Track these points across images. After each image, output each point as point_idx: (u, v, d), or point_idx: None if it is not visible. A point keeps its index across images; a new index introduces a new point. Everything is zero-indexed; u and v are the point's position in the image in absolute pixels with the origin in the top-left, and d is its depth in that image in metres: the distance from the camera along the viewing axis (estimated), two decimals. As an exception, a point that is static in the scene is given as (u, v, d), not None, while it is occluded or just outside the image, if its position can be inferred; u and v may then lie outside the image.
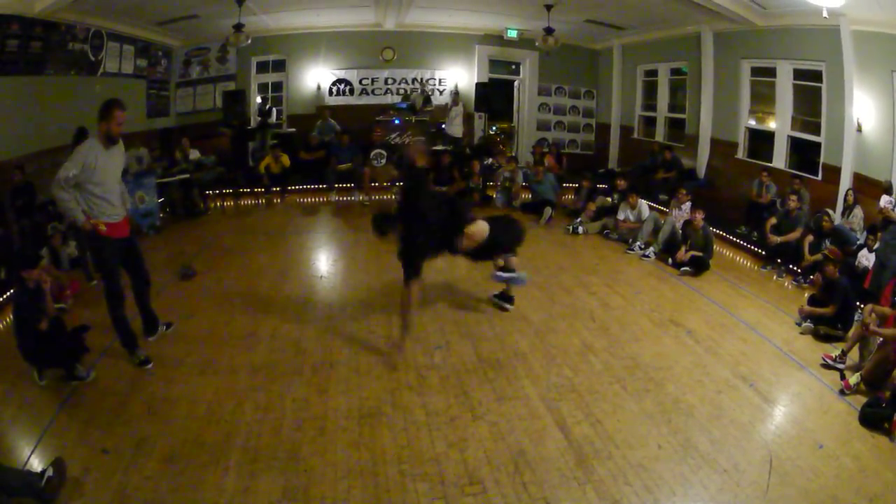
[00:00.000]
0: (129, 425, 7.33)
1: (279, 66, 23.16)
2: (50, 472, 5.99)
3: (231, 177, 19.09)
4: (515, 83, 24.55)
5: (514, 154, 21.88)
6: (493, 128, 23.32)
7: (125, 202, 8.55)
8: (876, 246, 11.14)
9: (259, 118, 21.60)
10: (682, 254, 12.77)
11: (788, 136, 15.64)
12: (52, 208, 12.53)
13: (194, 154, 18.20)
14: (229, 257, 13.71)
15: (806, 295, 10.92)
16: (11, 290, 9.54)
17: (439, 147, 20.66)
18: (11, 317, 8.63)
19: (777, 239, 12.93)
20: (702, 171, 18.34)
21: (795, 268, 12.58)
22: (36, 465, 6.55)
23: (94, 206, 7.94)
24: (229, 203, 18.48)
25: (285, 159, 18.82)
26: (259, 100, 22.80)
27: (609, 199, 16.33)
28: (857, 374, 8.21)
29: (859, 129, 13.11)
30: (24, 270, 8.06)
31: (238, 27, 18.37)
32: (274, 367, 8.80)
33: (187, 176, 17.20)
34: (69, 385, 8.05)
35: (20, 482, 5.93)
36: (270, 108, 22.01)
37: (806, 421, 7.60)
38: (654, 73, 21.35)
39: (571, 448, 6.98)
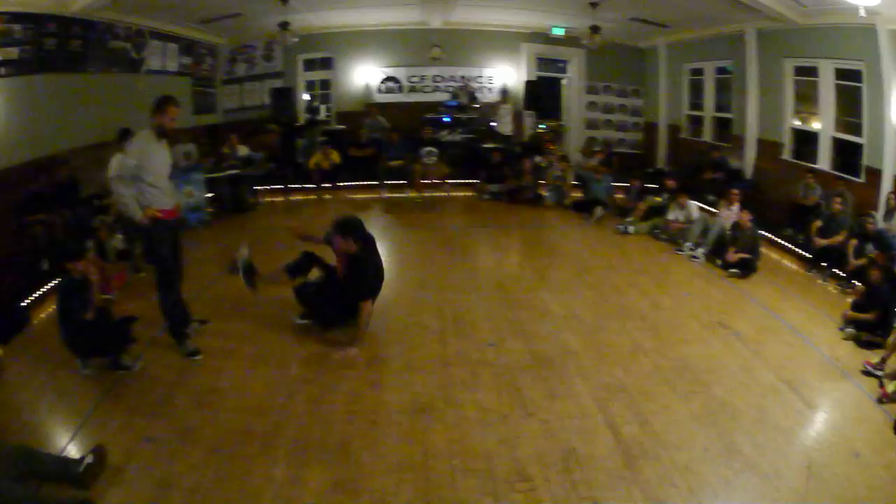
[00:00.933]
0: (176, 415, 7.51)
1: (326, 63, 23.32)
2: (89, 459, 6.06)
3: (280, 173, 19.29)
4: (563, 81, 24.42)
5: (564, 153, 21.67)
6: (542, 126, 23.05)
7: (175, 196, 8.87)
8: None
9: (308, 115, 21.86)
10: (731, 255, 12.81)
11: (832, 136, 15.54)
12: (97, 202, 12.85)
13: (243, 150, 18.33)
14: (279, 253, 13.21)
15: (849, 300, 10.88)
16: (56, 281, 9.68)
17: (489, 145, 20.83)
18: (56, 306, 8.73)
19: (822, 242, 12.91)
20: (748, 171, 18.27)
21: (840, 272, 12.48)
22: (74, 451, 6.68)
23: (149, 195, 8.18)
24: (279, 199, 18.76)
25: (335, 156, 18.97)
26: (307, 97, 23.03)
27: (659, 199, 16.32)
28: (895, 382, 8.16)
29: (899, 129, 12.99)
30: (69, 262, 8.23)
31: (284, 25, 18.65)
32: (325, 360, 8.91)
33: (237, 172, 17.40)
34: (114, 374, 8.27)
35: (56, 468, 6.06)
36: (318, 106, 22.30)
37: (844, 428, 7.65)
38: (699, 71, 21.26)
39: (620, 448, 7.04)
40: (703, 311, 10.95)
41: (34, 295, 10.55)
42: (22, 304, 10.20)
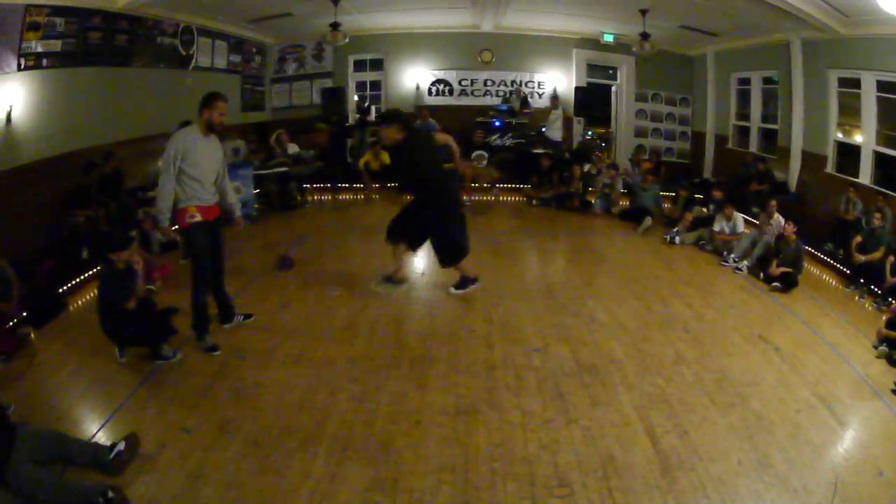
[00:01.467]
0: (214, 407, 7.67)
1: (377, 64, 23.94)
2: (121, 446, 6.21)
3: (330, 172, 19.70)
4: (613, 88, 24.68)
5: (613, 161, 21.87)
6: (590, 133, 23.41)
7: (225, 195, 9.14)
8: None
9: (358, 115, 22.17)
10: (774, 268, 12.96)
11: (873, 150, 15.65)
12: (141, 194, 13.43)
13: (293, 148, 18.71)
14: (327, 250, 14.32)
15: (884, 318, 10.73)
16: (97, 269, 10.02)
17: (539, 150, 21.03)
18: (97, 294, 9.02)
19: (861, 258, 13.06)
20: (793, 184, 18.39)
21: (877, 289, 12.48)
22: (105, 438, 6.85)
23: (188, 187, 8.39)
24: (327, 197, 19.16)
25: (385, 157, 18.76)
26: (357, 97, 23.49)
27: (705, 210, 16.63)
28: None
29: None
30: (114, 252, 8.37)
31: (335, 26, 19.04)
32: (371, 359, 9.05)
33: (285, 169, 17.75)
34: (151, 364, 8.50)
35: (85, 453, 6.18)
36: (369, 106, 22.50)
37: (872, 447, 7.61)
38: (747, 81, 21.41)
39: (658, 457, 7.13)
40: (744, 325, 11.03)
41: (72, 282, 11.02)
42: (59, 290, 10.68)
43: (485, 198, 19.67)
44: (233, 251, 12.13)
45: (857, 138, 16.28)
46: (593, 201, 18.95)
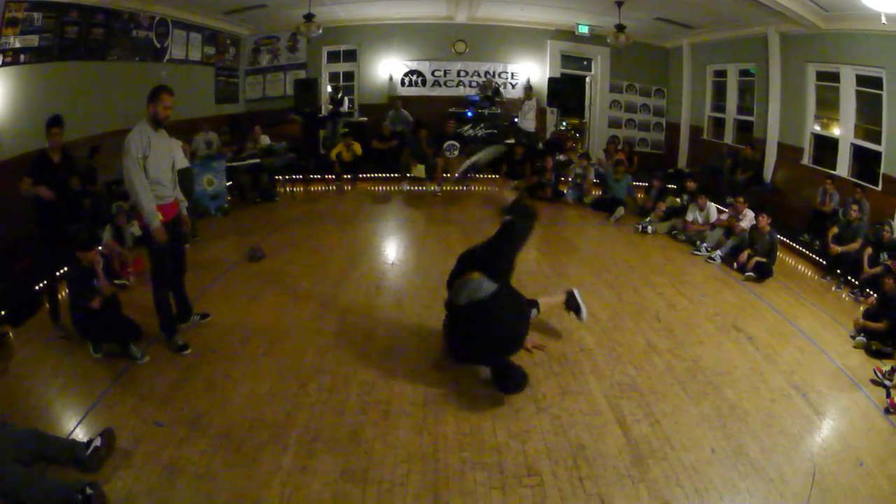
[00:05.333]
0: (187, 401, 7.60)
1: (350, 55, 23.64)
2: (97, 442, 6.19)
3: (302, 163, 19.51)
4: (587, 79, 24.66)
5: (585, 150, 21.98)
6: (563, 123, 23.39)
7: (177, 190, 8.91)
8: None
9: (331, 106, 22.04)
10: (745, 258, 12.95)
11: (851, 143, 15.60)
12: (115, 188, 13.03)
13: (265, 140, 18.56)
14: (298, 241, 14.14)
15: (861, 308, 10.88)
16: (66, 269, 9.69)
17: (511, 141, 20.96)
18: (67, 293, 8.95)
19: (837, 249, 12.95)
20: (768, 175, 18.34)
21: (854, 279, 12.50)
22: (82, 434, 6.79)
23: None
24: (299, 189, 18.92)
25: (357, 147, 19.22)
26: (330, 88, 23.21)
27: (679, 200, 16.50)
28: None
29: (918, 139, 12.90)
30: (79, 251, 8.39)
31: (309, 17, 18.89)
32: (340, 349, 9.02)
33: (257, 161, 17.59)
34: (125, 359, 8.37)
35: (64, 451, 6.15)
36: (342, 97, 22.42)
37: (850, 437, 7.62)
38: (723, 73, 21.33)
39: (629, 446, 7.13)
40: (717, 314, 11.00)
41: (47, 279, 10.48)
42: (36, 288, 10.39)
43: (456, 188, 19.59)
44: (205, 244, 12.54)
45: (835, 131, 16.24)
46: (565, 191, 18.92)
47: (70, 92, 14.28)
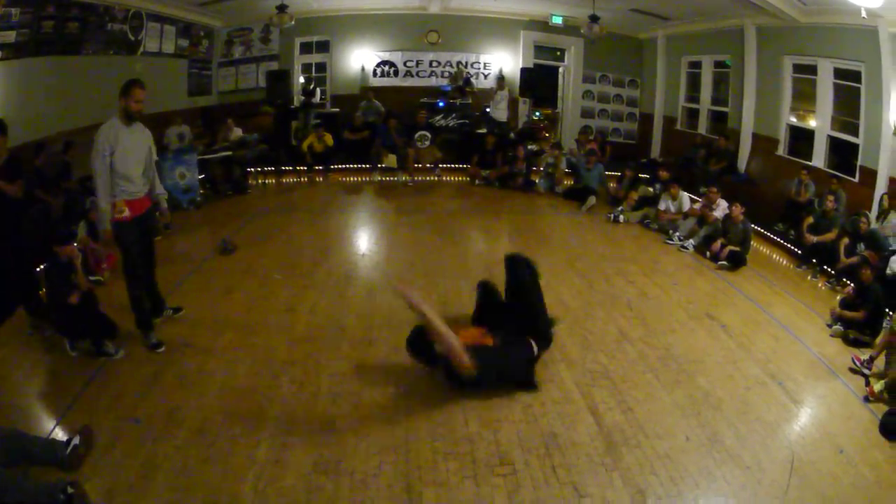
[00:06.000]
0: (162, 396, 7.51)
1: (323, 46, 23.39)
2: (76, 441, 6.12)
3: (274, 155, 19.31)
4: (560, 70, 24.53)
5: (557, 140, 21.88)
6: (537, 113, 23.31)
7: (154, 184, 8.80)
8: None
9: (303, 98, 21.72)
10: (718, 246, 12.87)
11: (828, 135, 15.51)
12: (90, 183, 12.84)
13: (236, 132, 18.42)
14: (270, 233, 13.94)
15: (838, 297, 10.92)
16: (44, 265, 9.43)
17: (483, 130, 20.82)
18: (45, 289, 8.83)
19: (813, 238, 12.86)
20: (743, 165, 18.28)
21: (830, 269, 12.49)
22: (62, 433, 6.67)
23: (115, 184, 8.10)
24: (271, 181, 18.71)
25: (328, 138, 19.03)
26: (302, 79, 23.03)
27: (651, 189, 16.42)
28: (882, 381, 8.16)
29: (896, 133, 12.97)
30: (57, 245, 8.26)
31: (282, 8, 18.74)
32: (312, 342, 8.94)
33: (229, 153, 17.37)
34: (100, 358, 8.21)
35: (44, 451, 6.04)
36: (314, 88, 22.13)
37: (829, 425, 7.62)
38: (697, 64, 21.21)
39: (602, 434, 7.09)
40: (690, 302, 10.94)
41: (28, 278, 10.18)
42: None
43: (427, 178, 19.58)
44: (177, 237, 12.93)
45: (812, 123, 16.15)
46: (537, 181, 18.94)
47: (46, 87, 14.10)
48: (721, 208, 13.91)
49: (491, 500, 6.10)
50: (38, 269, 9.66)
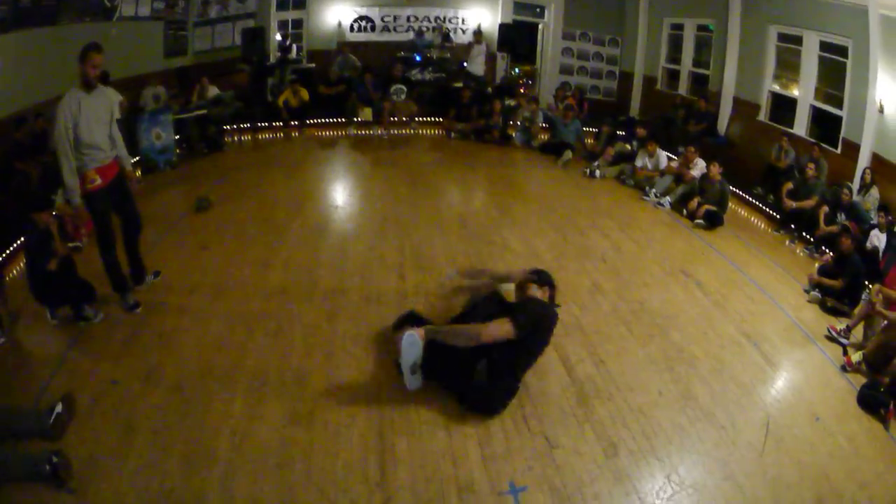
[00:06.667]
0: (140, 356, 7.46)
1: (299, 3, 22.97)
2: (59, 408, 6.05)
3: (249, 112, 19.02)
4: (539, 26, 24.23)
5: (534, 95, 21.60)
6: (516, 70, 23.26)
7: (119, 146, 8.54)
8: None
9: (279, 54, 21.57)
10: (695, 205, 12.71)
11: (811, 105, 15.33)
12: None
13: (212, 90, 18.13)
14: (246, 189, 13.78)
15: (816, 265, 10.84)
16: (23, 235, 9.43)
17: (459, 84, 20.63)
18: (24, 258, 8.73)
19: (792, 204, 12.72)
20: (723, 128, 18.17)
21: (809, 236, 12.40)
22: (46, 402, 6.50)
23: (83, 154, 7.92)
24: (247, 138, 18.44)
25: (304, 93, 18.80)
26: (279, 37, 22.70)
27: (628, 146, 16.26)
28: (860, 352, 8.16)
29: (881, 111, 12.82)
30: (35, 213, 8.16)
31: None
32: (285, 293, 8.95)
33: (204, 111, 17.05)
34: (80, 323, 8.10)
35: (30, 423, 6.03)
36: (291, 45, 21.99)
37: (805, 391, 7.60)
38: (679, 27, 20.95)
39: (574, 386, 7.10)
40: (665, 258, 10.89)
41: (4, 253, 10.35)
42: None
43: (403, 131, 19.27)
44: (153, 198, 12.56)
45: (795, 92, 15.97)
46: (513, 135, 18.79)
47: (24, 60, 13.90)
48: (698, 168, 13.86)
49: (463, 450, 6.14)
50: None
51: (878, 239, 10.86)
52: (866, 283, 9.93)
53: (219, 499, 5.56)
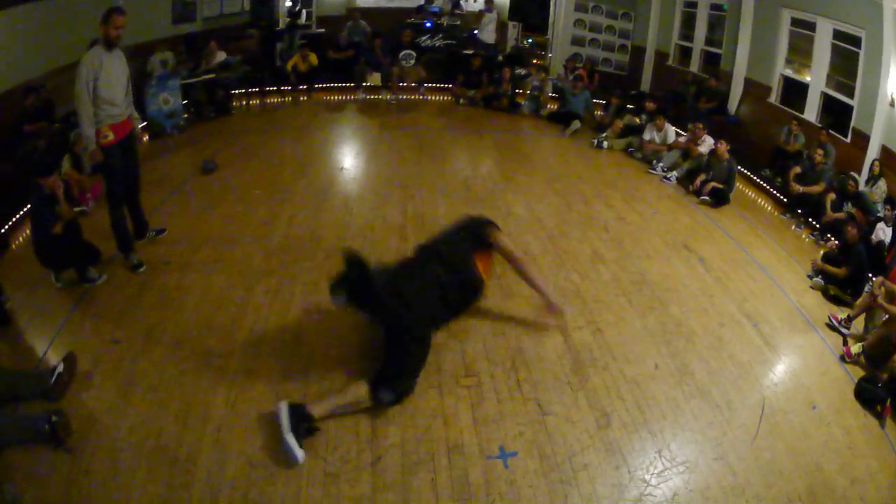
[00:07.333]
0: (142, 315, 7.58)
1: (310, -32, 22.93)
2: (60, 368, 6.14)
3: (257, 76, 18.98)
4: (552, -4, 24.20)
5: (545, 64, 21.64)
6: (529, 40, 23.21)
7: (131, 107, 8.84)
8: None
9: (288, 19, 21.56)
10: (700, 182, 12.64)
11: (822, 91, 15.15)
12: (73, 118, 12.59)
13: (220, 55, 17.88)
14: (252, 152, 13.86)
15: (821, 251, 10.77)
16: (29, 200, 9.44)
17: (470, 51, 20.47)
18: (30, 222, 8.81)
19: (800, 188, 12.61)
20: (733, 107, 17.98)
21: (815, 222, 12.22)
22: (48, 363, 6.67)
23: (100, 109, 8.20)
24: (255, 102, 18.41)
25: (313, 58, 18.72)
26: (289, 2, 22.66)
27: (637, 119, 16.19)
28: (860, 344, 8.06)
29: (892, 104, 12.60)
30: (41, 177, 8.19)
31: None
32: (287, 252, 9.13)
33: (212, 76, 17.04)
34: (84, 285, 8.18)
35: (32, 385, 6.11)
36: (300, 10, 22.01)
37: (803, 377, 7.51)
38: (693, 4, 20.63)
39: (570, 353, 7.16)
40: (668, 232, 10.86)
41: (11, 221, 10.41)
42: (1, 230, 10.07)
43: (411, 97, 19.22)
44: (160, 160, 12.72)
45: (807, 78, 15.75)
46: (522, 103, 18.67)
47: (25, 34, 13.74)
48: (706, 144, 13.74)
49: (454, 410, 6.26)
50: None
51: (883, 232, 10.72)
52: (870, 275, 9.74)
53: (212, 454, 5.63)
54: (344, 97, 18.89)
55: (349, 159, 13.68)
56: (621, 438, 6.02)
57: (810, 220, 12.33)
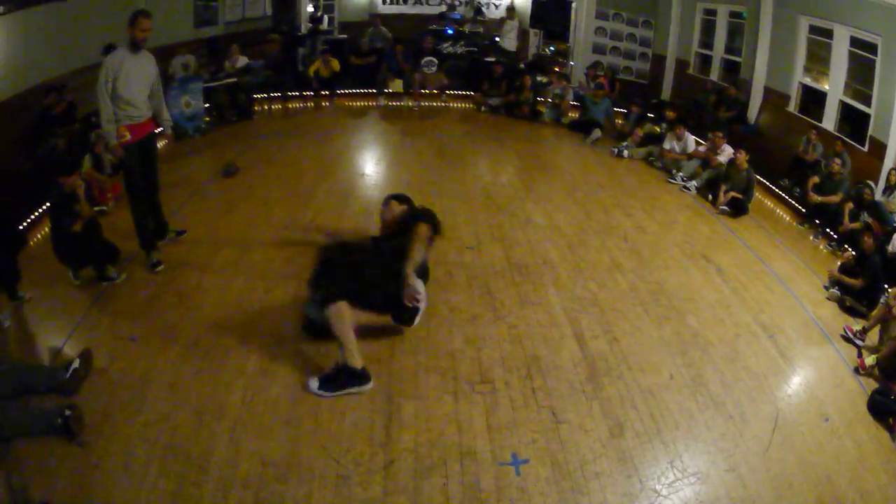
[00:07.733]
0: (160, 314, 7.68)
1: (332, -26, 22.96)
2: (76, 364, 6.14)
3: (279, 81, 19.04)
4: (573, 4, 23.93)
5: (566, 72, 21.64)
6: (551, 47, 23.17)
7: (160, 111, 9.11)
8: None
9: (310, 25, 21.69)
10: (720, 191, 12.62)
11: (840, 100, 15.09)
12: (94, 119, 12.75)
13: (242, 59, 18.05)
14: (274, 156, 13.95)
15: (838, 262, 10.62)
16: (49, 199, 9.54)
17: (492, 59, 20.54)
18: (49, 220, 8.87)
19: (818, 198, 12.56)
20: (753, 116, 17.97)
21: (833, 232, 12.13)
22: (64, 358, 6.66)
23: (120, 109, 8.37)
24: (277, 106, 18.52)
25: (335, 63, 18.77)
26: (311, 7, 22.80)
27: (658, 128, 16.14)
28: (874, 356, 8.01)
29: (909, 112, 12.59)
30: (61, 176, 8.31)
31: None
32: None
33: (234, 80, 17.17)
34: (103, 283, 8.29)
35: (46, 379, 6.10)
36: (322, 15, 22.09)
37: (817, 389, 7.50)
38: (713, 12, 20.67)
39: (585, 361, 7.17)
40: (687, 242, 10.87)
41: (30, 218, 10.46)
42: (20, 227, 10.06)
43: (433, 103, 19.29)
44: (182, 162, 12.98)
45: (825, 86, 15.69)
46: (543, 111, 18.71)
47: (45, 34, 13.77)
48: (725, 153, 13.70)
49: (468, 417, 6.27)
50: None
51: (901, 243, 10.67)
52: (886, 286, 9.69)
53: (225, 452, 5.68)
54: (366, 103, 18.98)
55: (370, 165, 13.80)
56: (634, 448, 6.03)
57: (828, 230, 12.24)
